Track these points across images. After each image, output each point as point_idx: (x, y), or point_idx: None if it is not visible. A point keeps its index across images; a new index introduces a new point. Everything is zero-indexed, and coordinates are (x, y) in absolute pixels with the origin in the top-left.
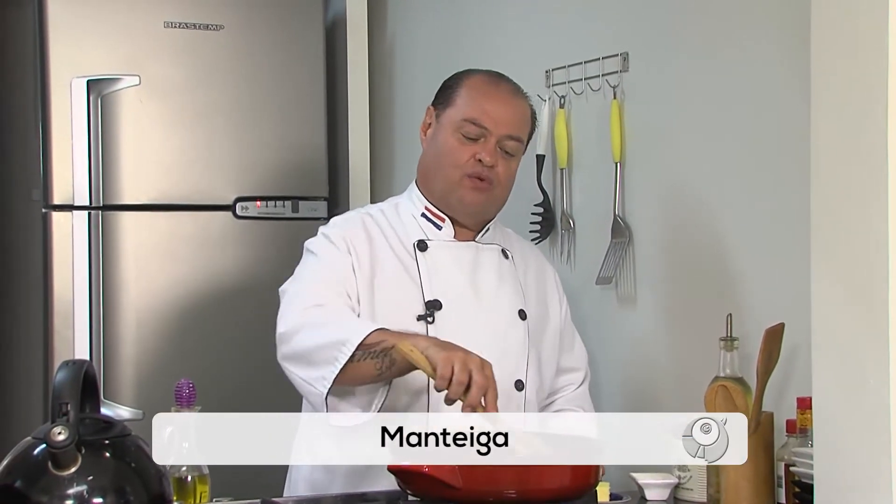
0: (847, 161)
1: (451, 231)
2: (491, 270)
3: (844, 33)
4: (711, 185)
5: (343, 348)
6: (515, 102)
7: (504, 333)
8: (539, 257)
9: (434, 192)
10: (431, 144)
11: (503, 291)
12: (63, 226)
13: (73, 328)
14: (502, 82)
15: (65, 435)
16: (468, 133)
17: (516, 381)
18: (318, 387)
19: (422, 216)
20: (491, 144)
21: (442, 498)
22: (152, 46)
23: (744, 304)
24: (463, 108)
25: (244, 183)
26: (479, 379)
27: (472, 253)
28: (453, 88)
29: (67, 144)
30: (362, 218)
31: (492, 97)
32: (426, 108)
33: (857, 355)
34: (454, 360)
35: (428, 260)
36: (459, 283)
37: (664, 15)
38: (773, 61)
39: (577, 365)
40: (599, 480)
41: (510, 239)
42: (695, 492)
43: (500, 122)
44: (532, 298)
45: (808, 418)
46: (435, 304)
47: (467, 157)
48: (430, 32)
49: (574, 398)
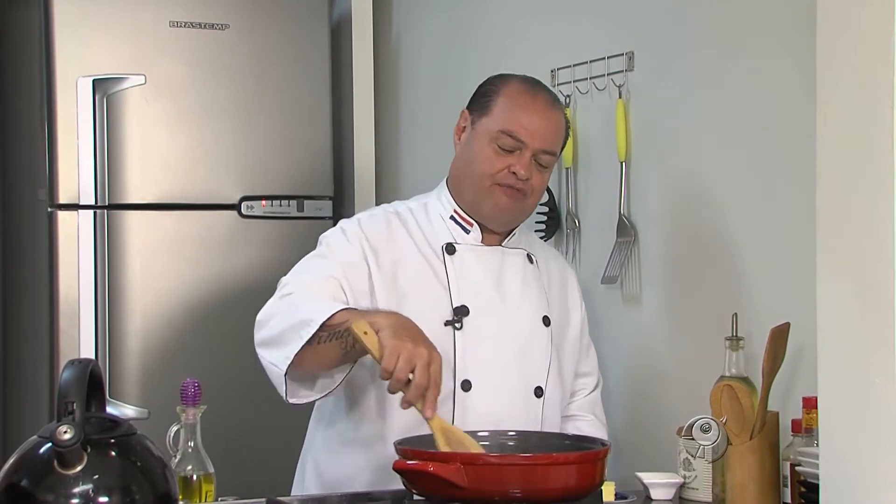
0: (853, 160)
1: (479, 235)
2: (516, 276)
3: (850, 32)
4: (717, 184)
5: (307, 327)
6: (552, 115)
7: (527, 339)
8: (560, 261)
9: (465, 198)
10: (465, 150)
11: (528, 297)
12: (69, 225)
13: (79, 327)
14: (540, 92)
15: (70, 434)
16: (504, 145)
17: (536, 388)
18: (281, 365)
19: (450, 219)
20: (526, 158)
21: (447, 497)
22: (158, 46)
23: (749, 303)
24: (500, 119)
25: (249, 182)
26: (420, 378)
27: (498, 258)
28: (490, 95)
29: (73, 144)
30: (388, 217)
31: (529, 109)
32: (461, 111)
33: (862, 355)
34: (400, 351)
35: (456, 263)
36: (486, 288)
37: (669, 14)
38: (778, 60)
39: (590, 370)
40: (604, 480)
41: (534, 243)
42: (700, 491)
43: (537, 136)
44: (555, 304)
45: (814, 418)
46: (463, 310)
47: (501, 167)
48: (436, 32)
49: (586, 404)
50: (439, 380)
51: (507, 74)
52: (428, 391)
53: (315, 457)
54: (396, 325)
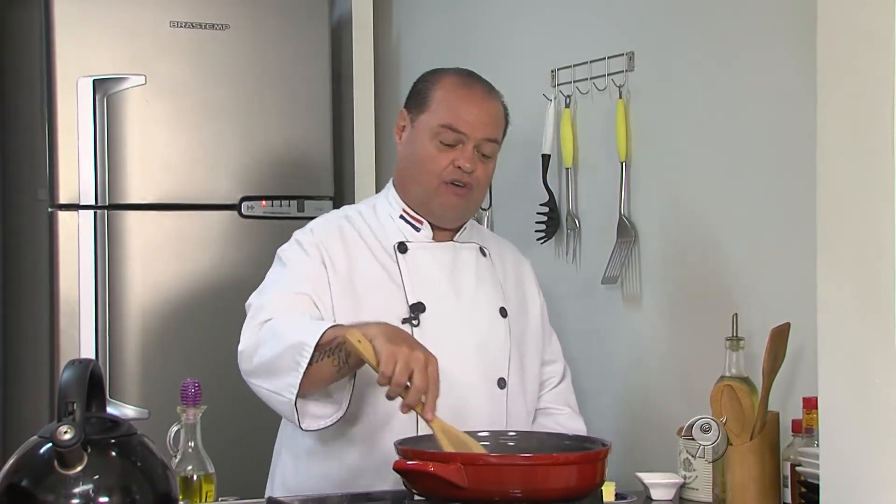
0: (853, 160)
1: (430, 232)
2: (470, 270)
3: (850, 32)
4: (717, 184)
5: (302, 352)
6: (489, 104)
7: (486, 332)
8: (514, 252)
9: (412, 198)
10: (408, 149)
11: (483, 290)
12: (69, 225)
13: (79, 327)
14: (475, 83)
15: (71, 434)
16: (446, 139)
17: (499, 379)
18: (286, 395)
19: (400, 218)
20: (469, 150)
21: (447, 497)
22: (158, 46)
23: (749, 303)
24: (438, 114)
25: (250, 182)
26: (419, 381)
27: (450, 253)
28: (426, 92)
29: (73, 144)
30: (339, 222)
31: (466, 100)
32: (398, 111)
33: (863, 355)
34: (398, 356)
35: (409, 262)
36: (441, 284)
37: (670, 14)
38: (779, 61)
39: (555, 357)
40: (605, 480)
41: (486, 236)
42: (700, 491)
43: (477, 126)
44: (512, 295)
45: (814, 418)
46: (419, 306)
47: (446, 163)
48: (436, 32)
49: (558, 395)
50: (437, 381)
51: (441, 69)
52: (427, 394)
53: (283, 469)
54: (389, 332)
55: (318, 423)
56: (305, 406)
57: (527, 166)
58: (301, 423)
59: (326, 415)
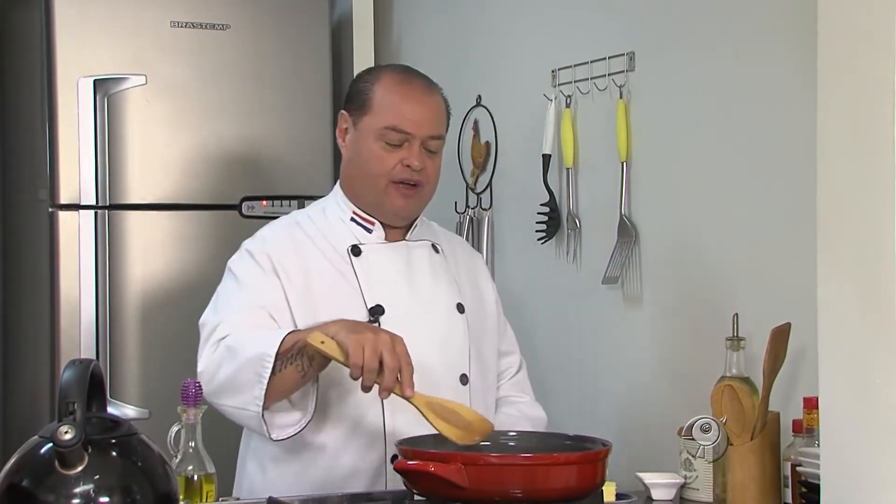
0: (854, 161)
1: (382, 233)
2: (425, 268)
3: (851, 32)
4: (718, 184)
5: (264, 363)
6: (431, 100)
7: (445, 329)
8: (465, 246)
9: (363, 200)
10: (354, 152)
11: (439, 287)
12: (69, 225)
13: (80, 327)
14: (414, 79)
15: (71, 434)
16: (391, 140)
17: (461, 376)
18: (252, 408)
19: (351, 220)
20: (416, 148)
21: (448, 497)
22: (159, 46)
23: (750, 303)
24: (381, 115)
25: (250, 182)
26: (390, 361)
27: (404, 252)
28: (366, 93)
29: (74, 144)
30: (290, 229)
31: (408, 98)
32: (339, 113)
33: (863, 355)
34: (363, 343)
35: (364, 264)
36: (397, 284)
37: (670, 14)
38: (780, 61)
39: (512, 348)
40: (605, 480)
41: (436, 232)
42: (701, 491)
43: (422, 124)
44: (466, 289)
45: (815, 418)
46: (377, 309)
47: (393, 163)
48: (436, 32)
49: (517, 383)
50: (408, 358)
51: (379, 67)
52: (402, 372)
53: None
54: (349, 325)
55: (286, 431)
56: (273, 417)
57: (527, 166)
58: (271, 434)
59: (294, 422)
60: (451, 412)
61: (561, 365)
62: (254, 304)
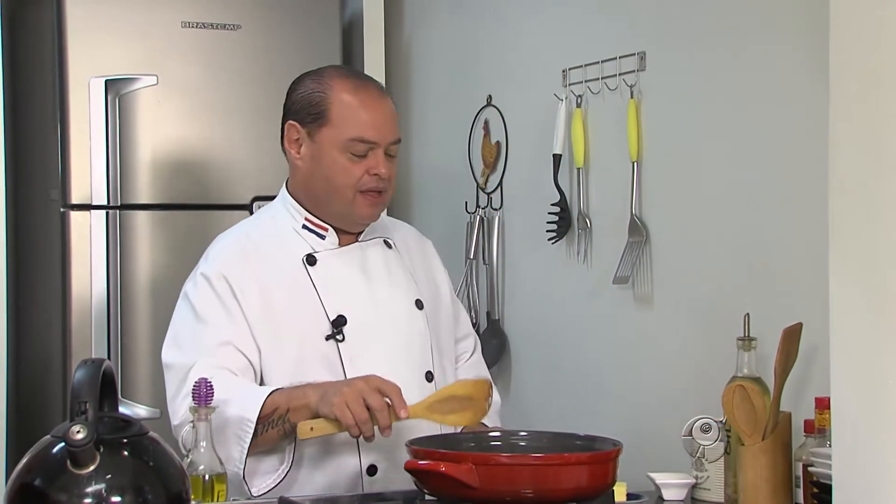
0: (866, 160)
1: (336, 238)
2: (380, 267)
3: (863, 31)
4: (729, 184)
5: (244, 426)
6: (387, 104)
7: (408, 329)
8: (414, 234)
9: (326, 210)
10: (314, 165)
11: (397, 285)
12: (81, 225)
13: (92, 327)
14: (367, 85)
15: (83, 433)
16: (357, 151)
17: (426, 373)
18: (231, 467)
19: (303, 228)
20: (381, 156)
21: (459, 497)
22: (170, 46)
23: (761, 303)
24: (344, 127)
25: (261, 182)
26: (376, 402)
27: (358, 254)
28: (321, 103)
29: (85, 144)
30: (241, 244)
31: (368, 107)
32: (287, 124)
33: (875, 355)
34: (346, 402)
35: (320, 274)
36: (357, 290)
37: (681, 14)
38: (791, 59)
39: (467, 332)
40: (616, 480)
41: (385, 225)
42: (712, 492)
43: (385, 131)
44: (422, 281)
45: (827, 418)
46: (340, 320)
47: (360, 174)
48: (447, 32)
49: (473, 366)
50: (388, 384)
51: (322, 73)
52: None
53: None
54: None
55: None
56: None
57: (538, 166)
58: (251, 489)
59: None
60: (448, 400)
61: (571, 364)
62: (219, 341)
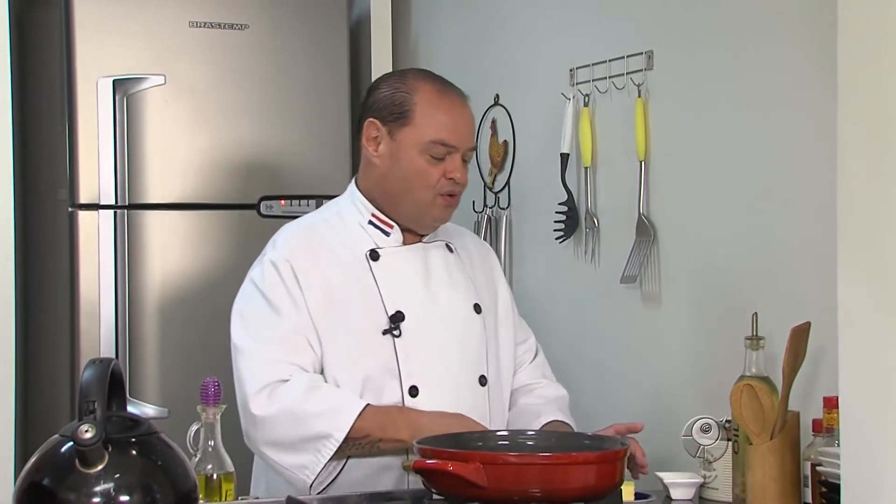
0: (874, 159)
1: (400, 236)
2: (441, 270)
3: (871, 31)
4: (736, 183)
5: (327, 443)
6: (468, 111)
7: (464, 332)
8: (477, 241)
9: (400, 210)
10: (392, 164)
11: (456, 288)
12: (89, 225)
13: (100, 327)
14: (451, 90)
15: (92, 433)
16: (436, 154)
17: (480, 377)
18: (300, 475)
19: (369, 223)
20: (458, 161)
21: (467, 497)
22: (178, 46)
23: (769, 302)
24: (426, 129)
25: (268, 182)
26: None
27: (421, 255)
28: (405, 103)
29: (94, 144)
30: (307, 234)
31: (450, 112)
32: (367, 121)
33: (883, 354)
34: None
35: (382, 269)
36: (417, 289)
37: (689, 13)
38: (799, 59)
39: (526, 335)
40: (624, 479)
41: (448, 230)
42: (720, 491)
43: (465, 138)
44: (482, 287)
45: (835, 418)
46: (398, 316)
47: (438, 176)
48: (455, 31)
49: (535, 368)
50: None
51: (405, 74)
52: None
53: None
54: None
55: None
56: None
57: (545, 165)
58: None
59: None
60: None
61: (579, 364)
62: (293, 331)
